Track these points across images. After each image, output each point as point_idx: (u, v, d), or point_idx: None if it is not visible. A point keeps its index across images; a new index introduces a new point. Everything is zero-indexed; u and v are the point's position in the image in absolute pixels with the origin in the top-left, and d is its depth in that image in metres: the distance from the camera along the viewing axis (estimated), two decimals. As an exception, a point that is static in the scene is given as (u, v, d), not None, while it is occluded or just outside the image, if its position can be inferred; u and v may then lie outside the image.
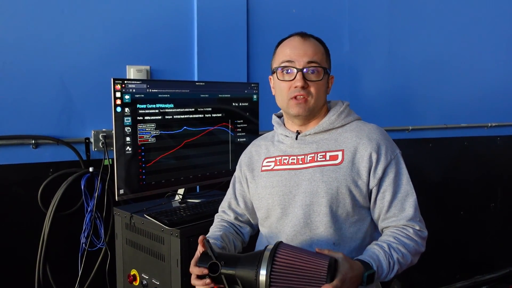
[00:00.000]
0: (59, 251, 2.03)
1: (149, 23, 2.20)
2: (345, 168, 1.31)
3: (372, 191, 1.32)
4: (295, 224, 1.33)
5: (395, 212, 1.31)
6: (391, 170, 1.32)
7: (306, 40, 1.37)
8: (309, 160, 1.35)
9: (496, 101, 3.52)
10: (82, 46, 2.05)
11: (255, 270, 1.05)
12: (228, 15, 2.38)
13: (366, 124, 1.40)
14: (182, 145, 1.86)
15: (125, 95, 1.68)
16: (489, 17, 3.41)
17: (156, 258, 1.70)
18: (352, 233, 1.33)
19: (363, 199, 1.32)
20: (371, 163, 1.31)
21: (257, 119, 2.17)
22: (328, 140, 1.36)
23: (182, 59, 2.29)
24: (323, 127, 1.37)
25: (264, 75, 2.52)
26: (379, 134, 1.36)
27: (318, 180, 1.31)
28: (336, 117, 1.38)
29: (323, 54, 1.37)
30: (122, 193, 1.69)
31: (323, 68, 1.34)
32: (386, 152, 1.32)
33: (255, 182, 1.44)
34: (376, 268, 1.20)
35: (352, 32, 2.84)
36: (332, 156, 1.33)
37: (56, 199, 1.97)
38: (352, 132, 1.36)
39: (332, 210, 1.30)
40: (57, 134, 2.00)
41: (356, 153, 1.32)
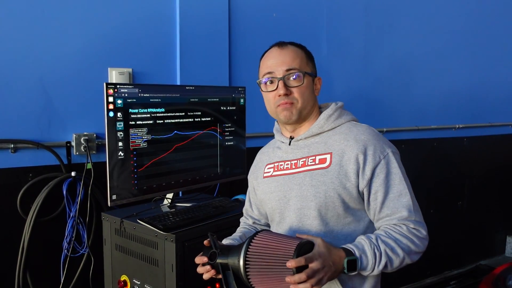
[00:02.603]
0: (40, 258, 1.99)
1: (131, 26, 2.18)
2: (332, 171, 1.32)
3: (363, 192, 1.33)
4: (290, 228, 1.37)
5: (387, 212, 1.30)
6: (380, 170, 1.30)
7: (283, 49, 1.40)
8: (301, 164, 1.38)
9: (463, 103, 3.68)
10: (62, 48, 2.01)
11: (237, 256, 1.17)
12: (210, 19, 2.39)
13: (357, 126, 1.39)
14: (173, 150, 1.85)
15: (118, 100, 1.66)
16: (456, 24, 3.56)
17: (148, 263, 1.68)
18: (345, 235, 1.34)
19: (354, 201, 1.33)
20: (358, 164, 1.30)
21: (244, 123, 2.18)
22: (318, 144, 1.38)
23: (164, 62, 2.29)
24: (312, 131, 1.39)
25: (246, 79, 2.59)
26: (368, 134, 1.35)
27: (307, 185, 1.34)
28: (325, 121, 1.39)
29: (302, 59, 1.38)
30: (114, 199, 1.66)
31: (303, 72, 1.36)
32: (374, 153, 1.31)
33: (259, 188, 1.49)
34: (358, 256, 1.21)
35: (329, 36, 2.90)
36: (321, 159, 1.34)
37: (36, 204, 1.93)
38: (341, 135, 1.36)
39: (321, 214, 1.33)
40: (37, 138, 1.97)
41: (344, 155, 1.32)
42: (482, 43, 3.75)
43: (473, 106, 3.74)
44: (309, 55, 1.43)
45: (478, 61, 3.74)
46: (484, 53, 3.77)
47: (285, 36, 2.67)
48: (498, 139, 3.96)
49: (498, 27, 3.86)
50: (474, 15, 3.67)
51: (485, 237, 4.05)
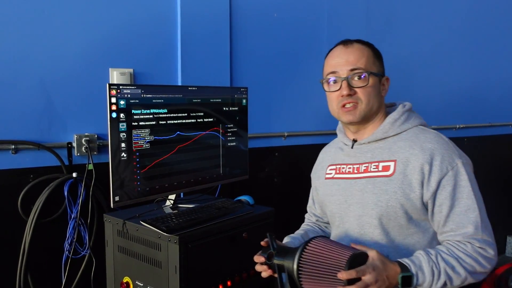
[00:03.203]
0: (41, 260, 1.97)
1: (132, 26, 2.16)
2: (396, 180, 1.27)
3: (428, 203, 1.27)
4: (351, 234, 1.35)
5: (452, 227, 1.23)
6: (447, 182, 1.24)
7: (348, 47, 1.35)
8: (363, 170, 1.34)
9: (463, 103, 3.67)
10: (63, 48, 1.99)
11: (292, 260, 1.17)
12: (211, 19, 2.38)
13: (424, 132, 1.32)
14: (176, 150, 1.84)
15: (120, 101, 1.65)
16: (456, 24, 3.55)
17: (151, 265, 1.67)
18: (408, 245, 1.29)
19: (418, 212, 1.27)
20: (423, 175, 1.24)
21: (246, 123, 2.17)
22: (382, 149, 1.33)
23: (165, 62, 2.27)
24: (376, 136, 1.34)
25: (247, 79, 2.58)
26: (436, 143, 1.27)
27: (369, 192, 1.30)
28: (390, 125, 1.34)
29: (369, 58, 1.33)
30: (117, 200, 1.65)
31: (368, 72, 1.31)
32: (442, 163, 1.24)
33: (320, 189, 1.48)
34: (414, 272, 1.16)
35: (330, 36, 2.88)
36: (385, 166, 1.29)
37: (38, 206, 1.91)
38: (406, 141, 1.30)
39: (382, 223, 1.29)
40: (38, 139, 1.94)
41: (408, 164, 1.26)
42: (483, 43, 3.73)
43: (473, 106, 3.73)
44: (377, 54, 1.37)
45: (478, 61, 3.73)
46: (484, 53, 3.76)
47: (286, 37, 2.72)
48: (498, 139, 3.95)
49: (498, 27, 3.85)
50: (474, 15, 3.66)
51: (485, 237, 4.02)
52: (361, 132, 1.39)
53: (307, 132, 2.83)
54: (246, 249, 1.80)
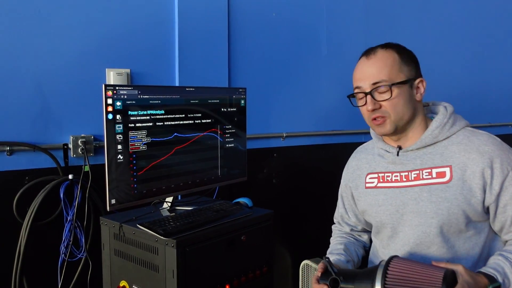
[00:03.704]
0: (37, 263, 1.95)
1: (129, 26, 2.14)
2: (455, 186, 1.24)
3: (490, 206, 1.25)
4: (406, 244, 1.32)
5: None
6: (510, 183, 1.23)
7: (370, 58, 1.32)
8: (413, 177, 1.29)
9: (463, 104, 3.56)
10: (59, 48, 1.97)
11: (370, 284, 1.10)
12: (209, 18, 2.36)
13: (475, 134, 1.29)
14: (173, 152, 1.82)
15: (117, 102, 1.62)
16: (456, 25, 3.54)
17: (148, 269, 1.65)
18: (467, 249, 1.27)
19: (478, 216, 1.26)
20: (484, 180, 1.23)
21: (245, 124, 2.15)
22: (433, 155, 1.29)
23: (163, 63, 2.25)
24: (425, 142, 1.30)
25: (245, 79, 2.57)
26: (492, 145, 1.25)
27: (425, 200, 1.27)
28: (440, 130, 1.29)
29: (393, 66, 1.29)
30: (113, 203, 1.63)
31: (390, 84, 1.27)
32: (502, 165, 1.22)
33: (362, 199, 1.42)
34: (501, 280, 1.15)
35: (329, 36, 2.87)
36: (439, 173, 1.25)
37: (33, 208, 1.89)
38: (459, 145, 1.26)
39: (443, 231, 1.26)
40: (33, 140, 1.92)
41: (466, 169, 1.24)
42: (482, 43, 3.72)
43: (473, 106, 3.71)
44: (405, 58, 1.32)
45: (477, 61, 3.72)
46: (483, 53, 3.75)
47: (285, 36, 2.70)
48: (498, 139, 3.94)
49: (498, 27, 3.84)
50: (474, 15, 3.65)
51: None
52: (403, 139, 1.35)
53: (306, 133, 2.81)
54: (245, 253, 1.80)
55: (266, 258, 1.91)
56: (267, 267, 1.90)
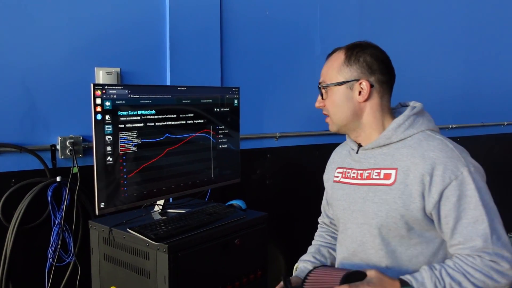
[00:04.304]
0: (24, 267, 1.91)
1: (119, 23, 2.10)
2: (396, 190, 1.23)
3: (432, 215, 1.21)
4: (353, 241, 1.34)
5: (460, 240, 1.18)
6: (451, 193, 1.18)
7: (327, 59, 1.38)
8: (366, 176, 1.31)
9: (456, 103, 3.68)
10: (46, 46, 1.93)
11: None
12: (201, 16, 2.33)
13: (429, 138, 1.26)
14: (164, 154, 1.78)
15: (106, 102, 1.58)
16: (449, 24, 3.54)
17: (139, 274, 1.61)
18: (410, 256, 1.25)
19: (420, 223, 1.22)
20: (423, 186, 1.19)
21: (238, 124, 2.12)
22: (385, 156, 1.29)
23: (154, 61, 2.22)
24: (379, 143, 1.30)
25: (238, 78, 2.54)
26: (439, 151, 1.21)
27: (370, 200, 1.28)
28: (393, 132, 1.29)
29: (335, 68, 1.33)
30: (103, 207, 1.58)
31: (324, 85, 1.34)
32: (444, 173, 1.18)
33: (329, 191, 1.48)
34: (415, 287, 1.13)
35: (323, 34, 2.86)
36: (386, 174, 1.26)
37: (20, 211, 1.85)
38: (409, 149, 1.25)
39: (382, 233, 1.26)
40: (20, 141, 1.88)
41: (409, 173, 1.22)
42: (475, 43, 3.74)
43: (466, 106, 3.74)
44: (350, 58, 1.32)
45: (470, 61, 3.73)
46: (476, 53, 3.76)
47: (278, 35, 2.67)
48: (491, 138, 3.96)
49: (491, 27, 3.85)
50: (467, 15, 3.66)
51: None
52: (362, 137, 1.35)
53: (300, 133, 2.79)
54: (239, 257, 1.76)
55: (260, 262, 1.88)
56: (261, 271, 1.87)
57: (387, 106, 1.35)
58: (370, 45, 1.36)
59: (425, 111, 1.37)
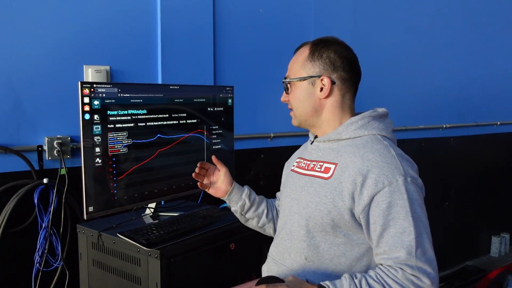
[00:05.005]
0: (10, 273, 1.87)
1: (109, 20, 2.06)
2: (330, 184, 1.24)
3: (360, 219, 1.20)
4: (283, 228, 1.38)
5: (385, 249, 1.15)
6: (382, 199, 1.15)
7: (294, 53, 1.40)
8: (311, 167, 1.34)
9: (450, 103, 3.70)
10: (33, 43, 1.88)
11: None
12: (194, 13, 2.30)
13: (374, 142, 1.26)
14: (156, 155, 1.75)
15: (94, 101, 1.53)
16: (442, 24, 3.54)
17: (130, 281, 1.56)
18: (332, 255, 1.25)
19: (346, 224, 1.22)
20: (355, 186, 1.19)
21: (232, 125, 2.09)
22: (331, 151, 1.31)
23: (144, 59, 2.18)
24: (330, 137, 1.32)
25: (232, 77, 2.50)
26: (379, 155, 1.20)
27: (305, 191, 1.31)
28: (344, 128, 1.31)
29: (297, 63, 1.35)
30: (91, 211, 1.53)
31: (287, 81, 1.36)
32: (378, 177, 1.16)
33: (284, 178, 1.51)
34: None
35: (317, 31, 2.83)
36: (326, 168, 1.28)
37: (5, 214, 1.81)
38: (353, 148, 1.26)
39: (309, 225, 1.28)
40: (5, 142, 1.84)
41: (345, 171, 1.22)
42: (467, 43, 3.76)
43: (459, 105, 3.77)
44: (313, 54, 1.32)
45: (463, 61, 3.75)
46: (469, 53, 3.78)
47: (272, 33, 2.63)
48: (484, 138, 4.00)
49: (483, 27, 3.87)
50: (460, 15, 3.67)
51: (471, 237, 4.07)
52: (318, 130, 1.38)
53: (294, 133, 2.76)
54: (234, 262, 1.73)
55: (256, 267, 1.83)
56: (256, 276, 1.83)
57: (348, 104, 1.35)
58: (336, 42, 1.35)
59: (386, 118, 1.38)
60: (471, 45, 3.78)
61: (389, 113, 1.40)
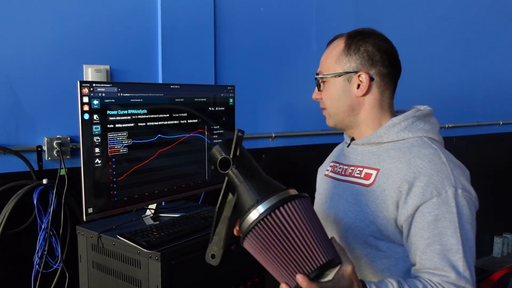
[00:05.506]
0: (9, 275, 1.86)
1: (109, 19, 2.05)
2: (372, 192, 1.14)
3: (402, 227, 1.10)
4: None
5: (428, 266, 1.06)
6: (429, 210, 1.05)
7: (327, 46, 1.29)
8: (348, 173, 1.23)
9: (452, 103, 3.69)
10: (32, 42, 1.87)
11: (255, 200, 0.91)
12: (195, 11, 2.28)
13: (422, 145, 1.14)
14: (157, 155, 1.73)
15: (94, 100, 1.51)
16: (444, 23, 3.53)
17: (130, 283, 1.54)
18: (374, 269, 1.14)
19: (390, 235, 1.12)
20: (400, 194, 1.09)
21: (233, 125, 2.07)
22: (372, 155, 1.20)
23: (145, 59, 2.17)
24: (370, 139, 1.21)
25: (233, 77, 2.49)
26: (428, 161, 1.09)
27: (344, 199, 1.20)
28: (386, 130, 1.19)
29: (331, 57, 1.23)
30: (91, 212, 1.52)
31: (319, 77, 1.24)
32: (426, 186, 1.06)
33: (317, 184, 1.40)
34: None
35: (319, 30, 2.83)
36: (367, 174, 1.17)
37: (4, 215, 1.80)
38: (397, 152, 1.15)
39: (348, 237, 1.17)
40: (4, 142, 1.83)
41: (389, 177, 1.12)
42: (469, 42, 3.75)
43: (461, 105, 3.76)
44: (350, 47, 1.21)
45: (465, 60, 3.74)
46: (471, 52, 3.77)
47: (274, 31, 2.62)
48: (486, 138, 3.98)
49: (485, 26, 3.86)
50: (462, 14, 3.66)
51: (473, 237, 4.04)
52: (356, 132, 1.26)
53: (296, 133, 2.75)
54: (236, 263, 1.69)
55: (257, 268, 1.80)
56: (258, 278, 1.81)
57: (387, 102, 1.23)
58: (374, 33, 1.24)
59: (431, 117, 1.26)
60: (473, 45, 3.76)
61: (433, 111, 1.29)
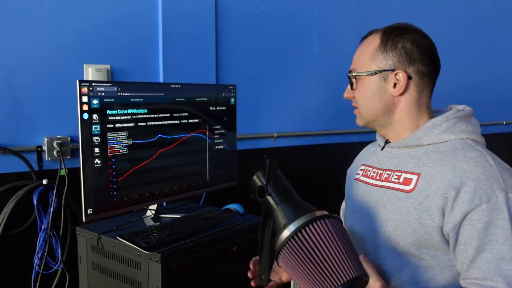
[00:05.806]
0: (8, 276, 1.86)
1: (110, 18, 2.04)
2: (413, 199, 1.06)
3: (449, 236, 1.03)
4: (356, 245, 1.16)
5: (477, 275, 0.99)
6: (478, 217, 0.98)
7: (361, 43, 1.21)
8: (384, 177, 1.16)
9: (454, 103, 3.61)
10: (32, 42, 1.87)
11: (287, 221, 0.98)
12: (195, 11, 2.28)
13: (466, 148, 1.07)
14: (157, 155, 1.71)
15: (93, 100, 1.50)
16: (447, 24, 3.52)
17: (130, 285, 1.53)
18: (417, 280, 1.07)
19: (434, 244, 1.05)
20: (445, 200, 1.01)
21: (235, 124, 2.05)
22: (411, 158, 1.12)
23: (146, 58, 2.17)
24: (407, 142, 1.13)
25: (234, 76, 2.47)
26: (475, 165, 1.02)
27: (382, 205, 1.13)
28: (425, 132, 1.12)
29: (366, 54, 1.16)
30: (90, 213, 1.50)
31: (353, 74, 1.18)
32: (474, 192, 0.99)
33: (348, 189, 1.33)
34: None
35: (321, 31, 2.81)
36: (407, 179, 1.09)
37: (4, 216, 1.79)
38: (440, 155, 1.08)
39: (388, 246, 1.10)
40: (4, 142, 1.83)
41: (432, 182, 1.04)
42: (473, 43, 3.72)
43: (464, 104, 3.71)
44: (386, 44, 1.14)
45: (469, 59, 3.72)
46: (474, 53, 3.75)
47: (275, 31, 2.60)
48: (489, 138, 3.92)
49: (489, 27, 3.84)
50: (465, 16, 3.65)
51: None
52: (392, 134, 1.19)
53: (298, 133, 2.74)
54: (237, 265, 1.68)
55: (259, 270, 1.80)
56: (260, 279, 1.79)
57: (425, 103, 1.16)
58: (412, 29, 1.17)
59: (472, 117, 1.19)
60: (477, 45, 3.74)
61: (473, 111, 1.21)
